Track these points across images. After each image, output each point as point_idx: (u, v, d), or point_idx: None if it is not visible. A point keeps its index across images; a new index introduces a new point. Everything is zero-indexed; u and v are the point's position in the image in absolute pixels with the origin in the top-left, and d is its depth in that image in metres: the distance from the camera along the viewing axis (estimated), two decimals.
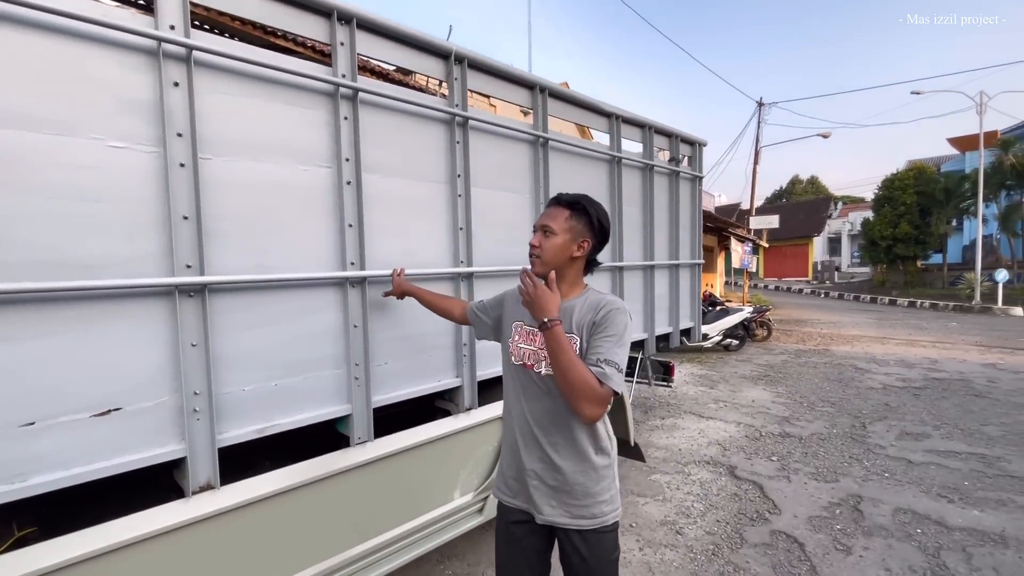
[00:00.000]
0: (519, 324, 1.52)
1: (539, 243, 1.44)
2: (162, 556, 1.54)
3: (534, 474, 1.45)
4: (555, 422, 1.43)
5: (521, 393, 1.49)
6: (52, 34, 1.35)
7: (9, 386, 1.30)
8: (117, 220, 1.46)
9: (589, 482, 1.42)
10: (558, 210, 1.46)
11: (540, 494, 1.44)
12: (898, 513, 3.16)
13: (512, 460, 1.52)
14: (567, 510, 1.42)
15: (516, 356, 1.50)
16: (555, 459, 1.42)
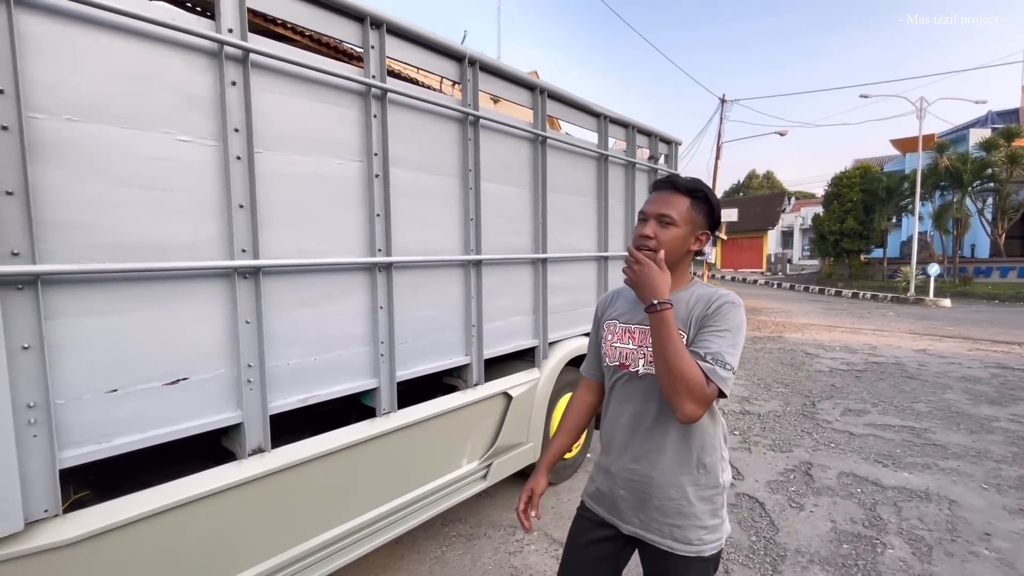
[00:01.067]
0: (613, 322, 1.38)
1: (654, 233, 1.24)
2: (219, 512, 1.71)
3: (622, 482, 1.32)
4: (651, 427, 1.28)
5: (615, 395, 1.37)
6: (129, 36, 1.48)
7: (95, 356, 1.45)
8: (184, 207, 1.60)
9: (683, 500, 1.25)
10: (677, 197, 1.26)
11: (627, 504, 1.31)
12: (842, 476, 3.62)
13: (602, 463, 1.41)
14: (657, 526, 1.27)
15: (611, 357, 1.35)
16: (645, 467, 1.28)
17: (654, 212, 1.26)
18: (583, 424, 1.54)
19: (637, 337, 1.30)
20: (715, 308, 1.23)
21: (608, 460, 1.38)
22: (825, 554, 2.67)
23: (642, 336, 1.29)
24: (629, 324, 1.33)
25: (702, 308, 1.24)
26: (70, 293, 1.40)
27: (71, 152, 1.38)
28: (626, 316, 1.35)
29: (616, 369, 1.35)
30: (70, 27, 1.37)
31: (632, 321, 1.33)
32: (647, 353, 1.26)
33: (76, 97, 1.39)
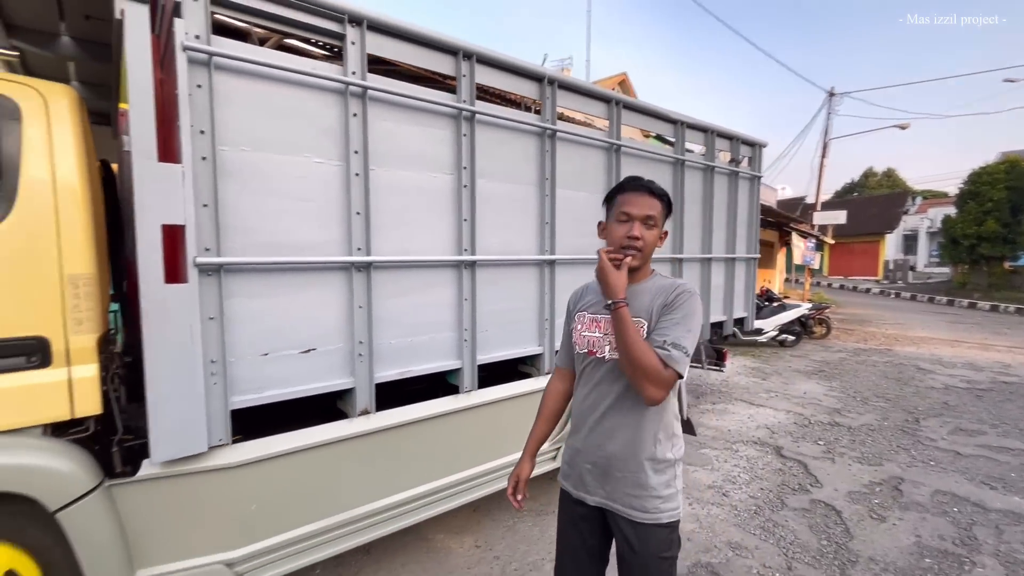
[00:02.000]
0: (582, 314, 1.49)
1: (641, 234, 1.35)
2: (332, 457, 2.14)
3: (588, 456, 1.44)
4: (614, 407, 1.40)
5: (583, 379, 1.48)
6: (282, 84, 1.94)
7: (253, 327, 1.92)
8: (316, 215, 2.04)
9: (642, 473, 1.37)
10: (653, 200, 1.37)
11: (592, 477, 1.43)
12: (937, 494, 3.40)
13: (572, 444, 1.51)
14: (619, 496, 1.39)
15: (580, 345, 1.46)
16: (608, 444, 1.40)
17: (641, 214, 1.35)
18: (559, 411, 1.63)
19: (603, 326, 1.41)
20: (673, 297, 1.34)
21: (577, 439, 1.48)
22: (902, 565, 2.59)
23: (607, 325, 1.38)
24: (596, 314, 1.44)
25: (662, 298, 1.36)
26: (239, 280, 1.88)
27: (243, 174, 1.86)
28: (594, 307, 1.46)
29: (585, 356, 1.45)
30: (244, 81, 1.85)
31: (599, 312, 1.43)
32: (612, 340, 1.35)
33: (248, 133, 1.86)
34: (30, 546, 1.68)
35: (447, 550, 2.68)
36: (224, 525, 1.91)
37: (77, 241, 1.69)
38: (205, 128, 1.75)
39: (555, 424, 1.64)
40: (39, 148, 1.64)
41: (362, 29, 2.09)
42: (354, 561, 2.56)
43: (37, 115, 1.65)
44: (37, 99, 1.66)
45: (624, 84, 22.75)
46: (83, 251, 1.70)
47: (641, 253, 1.36)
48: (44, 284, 1.63)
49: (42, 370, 1.65)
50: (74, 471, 1.65)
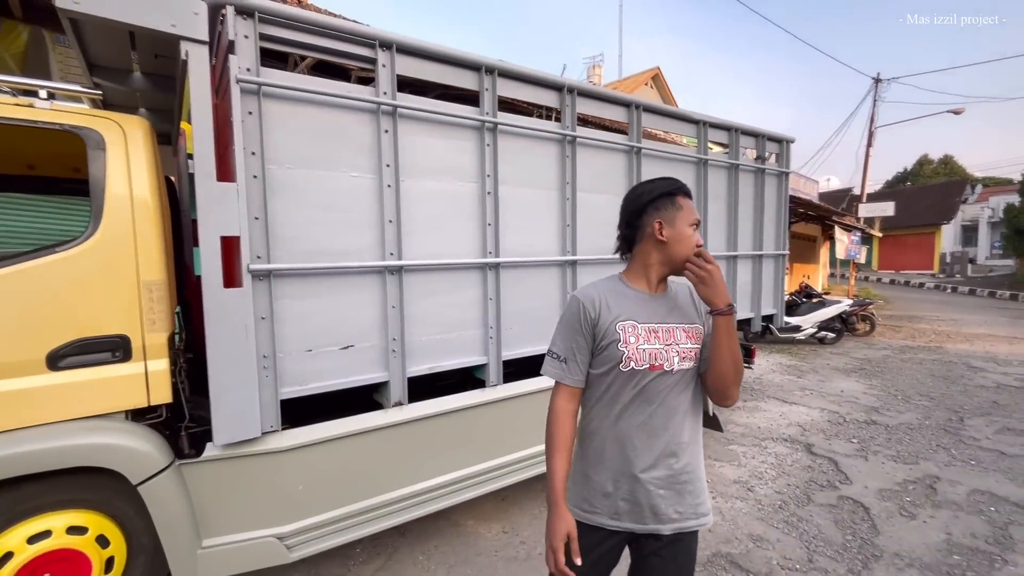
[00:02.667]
0: (630, 324, 1.29)
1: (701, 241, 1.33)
2: (369, 444, 2.34)
3: (660, 482, 1.29)
4: (683, 421, 1.32)
5: (637, 398, 1.30)
6: (322, 107, 2.15)
7: (299, 326, 2.14)
8: (353, 224, 2.25)
9: (703, 477, 1.37)
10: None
11: (667, 503, 1.29)
12: (974, 493, 3.33)
13: (620, 476, 1.31)
14: (691, 511, 1.32)
15: (638, 361, 1.27)
16: (684, 458, 1.31)
17: (697, 220, 1.33)
18: (574, 437, 1.38)
19: (662, 336, 1.29)
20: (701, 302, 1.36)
21: (632, 467, 1.29)
22: (928, 560, 2.59)
23: (666, 335, 1.29)
24: (650, 323, 1.30)
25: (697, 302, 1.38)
26: (286, 284, 2.11)
27: (289, 189, 2.08)
28: (643, 316, 1.30)
29: (644, 372, 1.28)
30: (289, 106, 2.07)
31: (652, 320, 1.30)
32: (680, 350, 1.29)
33: (292, 152, 2.08)
34: (116, 516, 1.96)
35: (476, 534, 2.85)
36: (275, 503, 2.14)
37: (152, 251, 1.95)
38: (256, 150, 1.98)
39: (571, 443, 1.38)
40: (120, 172, 1.91)
41: (392, 52, 2.28)
42: (390, 542, 2.77)
43: (118, 144, 1.92)
44: (117, 130, 1.93)
45: (657, 79, 22.45)
46: (156, 260, 1.96)
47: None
48: (125, 289, 1.90)
49: (124, 364, 1.91)
50: (151, 451, 1.91)
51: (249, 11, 1.94)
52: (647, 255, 1.34)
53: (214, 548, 2.04)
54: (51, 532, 1.82)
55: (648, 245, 1.33)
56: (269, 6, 1.97)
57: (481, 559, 2.62)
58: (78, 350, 1.83)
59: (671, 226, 1.30)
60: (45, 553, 1.80)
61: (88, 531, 1.88)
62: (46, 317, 1.78)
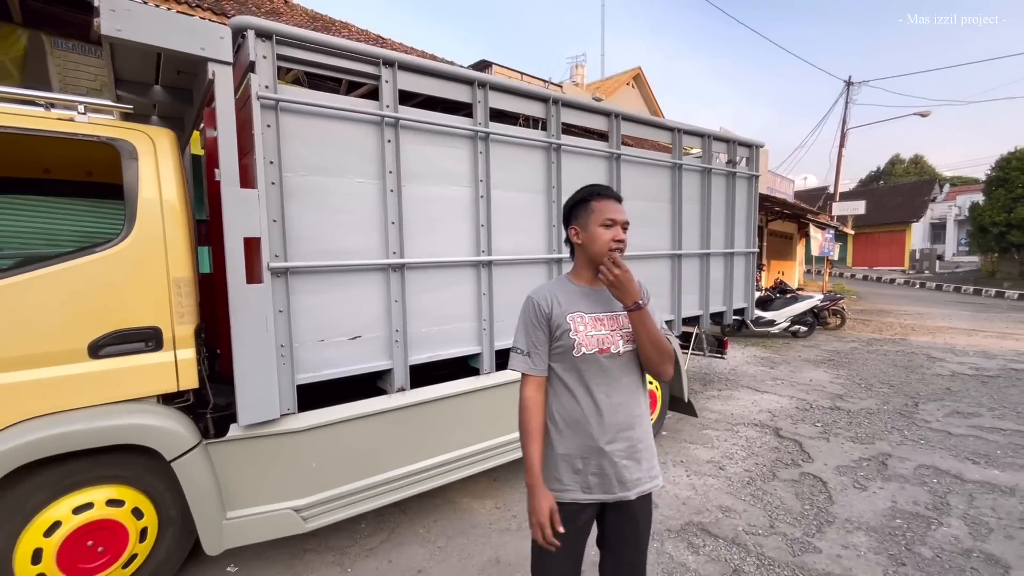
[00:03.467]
0: (578, 315, 1.46)
1: (624, 238, 1.47)
2: (375, 426, 2.57)
3: (623, 453, 1.44)
4: (634, 396, 1.48)
5: (593, 380, 1.44)
6: (331, 120, 2.37)
7: (312, 319, 2.36)
8: (359, 225, 2.48)
9: (653, 444, 1.54)
10: (621, 206, 1.50)
11: (630, 470, 1.45)
12: (920, 468, 3.68)
13: (587, 452, 1.44)
14: (648, 474, 1.49)
15: (587, 345, 1.43)
16: (639, 429, 1.48)
17: (622, 220, 1.46)
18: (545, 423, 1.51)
19: (607, 323, 1.46)
20: (648, 293, 1.53)
21: (597, 441, 1.43)
22: (874, 524, 2.92)
23: (611, 321, 1.47)
24: (595, 313, 1.47)
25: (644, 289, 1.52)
26: (301, 280, 2.32)
27: (303, 195, 2.30)
28: (588, 307, 1.48)
29: (595, 355, 1.43)
30: (303, 119, 2.29)
31: (597, 310, 1.48)
32: (624, 334, 1.46)
33: (306, 161, 2.30)
34: (148, 491, 2.16)
35: (471, 510, 3.10)
36: (292, 479, 2.37)
37: (179, 251, 2.16)
38: (274, 159, 2.19)
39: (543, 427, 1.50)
40: (150, 179, 2.11)
41: (394, 69, 2.51)
42: (393, 518, 3.00)
43: (148, 154, 2.12)
44: (148, 141, 2.13)
45: (639, 79, 22.87)
46: (184, 259, 2.17)
47: (623, 254, 1.46)
48: (157, 285, 2.10)
49: (156, 353, 2.12)
50: (182, 431, 2.12)
51: (267, 34, 2.15)
52: (579, 256, 1.53)
53: (237, 519, 2.26)
54: (93, 504, 2.02)
55: (576, 248, 1.53)
56: (286, 29, 2.19)
57: (476, 531, 2.87)
58: (116, 340, 2.03)
59: (584, 229, 1.47)
60: (88, 523, 2.00)
61: (125, 504, 2.09)
62: (87, 311, 1.98)
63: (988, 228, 21.43)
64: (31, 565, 1.91)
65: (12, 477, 1.87)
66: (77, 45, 4.78)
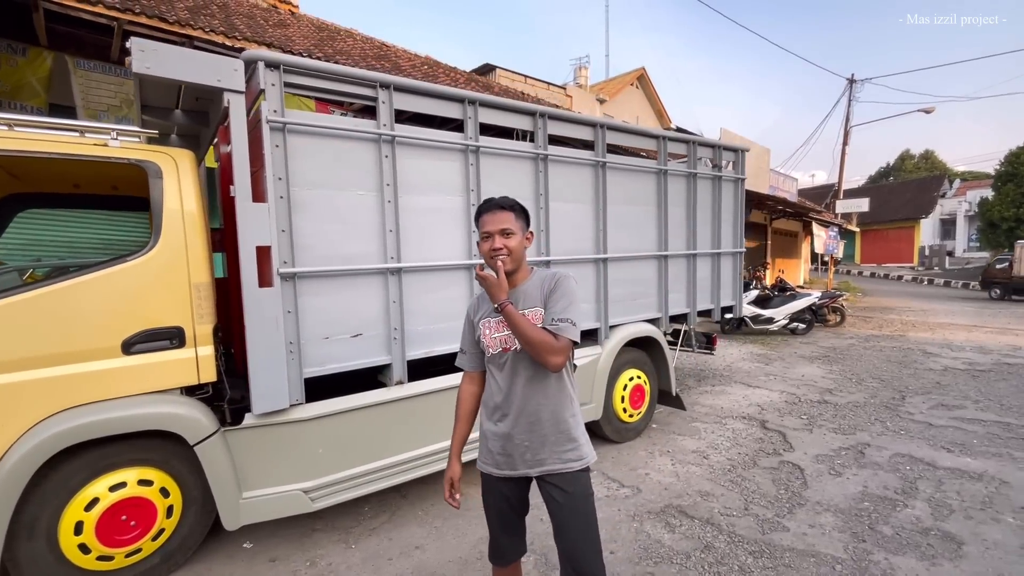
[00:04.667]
0: (486, 321, 1.66)
1: (503, 244, 1.57)
2: (376, 416, 2.82)
3: (522, 436, 1.61)
4: (536, 387, 1.61)
5: (502, 373, 1.64)
6: (334, 138, 2.62)
7: (319, 317, 2.62)
8: (360, 233, 2.73)
9: (568, 429, 1.64)
10: (504, 213, 1.59)
11: (530, 453, 1.62)
12: (896, 456, 3.86)
13: (496, 435, 1.65)
14: (555, 457, 1.62)
15: (492, 346, 1.63)
16: (540, 415, 1.61)
17: (496, 228, 1.58)
18: (475, 411, 1.79)
19: (506, 325, 1.60)
20: (553, 284, 1.62)
21: (503, 426, 1.64)
22: (843, 507, 3.11)
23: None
24: (497, 318, 1.63)
25: (547, 286, 1.62)
26: (307, 283, 2.58)
27: (308, 207, 2.55)
28: (493, 314, 1.65)
29: (500, 353, 1.63)
30: (308, 139, 2.54)
31: (497, 316, 1.62)
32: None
33: (311, 176, 2.56)
34: (173, 473, 2.43)
35: (466, 494, 3.33)
36: (301, 463, 2.62)
37: (199, 258, 2.42)
38: (282, 175, 2.45)
39: (472, 424, 1.79)
40: (174, 195, 2.38)
41: (390, 91, 2.76)
42: (393, 502, 3.25)
43: (171, 173, 2.38)
44: (171, 162, 2.40)
45: (643, 79, 23.00)
46: (203, 265, 2.43)
47: (510, 257, 1.58)
48: (180, 289, 2.37)
49: (179, 350, 2.38)
50: (202, 419, 2.39)
51: (276, 64, 2.41)
52: None
53: (252, 499, 2.52)
54: (126, 483, 2.29)
55: None
56: (292, 60, 2.45)
57: (471, 513, 3.11)
58: (145, 338, 2.30)
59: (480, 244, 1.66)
60: (122, 500, 2.27)
61: (153, 483, 2.36)
62: (120, 312, 2.25)
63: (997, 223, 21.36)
64: (74, 536, 2.18)
65: (57, 459, 2.14)
66: (98, 65, 5.10)
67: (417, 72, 8.85)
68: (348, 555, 2.70)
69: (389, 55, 9.46)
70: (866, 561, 2.56)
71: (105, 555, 2.25)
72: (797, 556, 2.62)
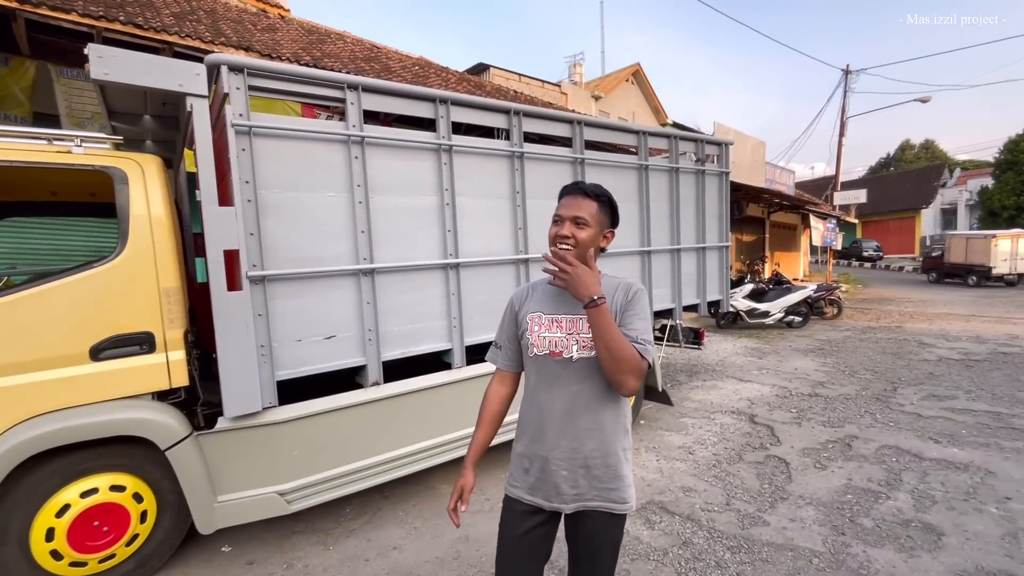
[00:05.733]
0: (537, 315, 1.45)
1: (571, 233, 1.37)
2: (351, 417, 2.82)
3: (563, 463, 1.40)
4: (586, 407, 1.39)
5: (544, 383, 1.43)
6: (303, 141, 2.62)
7: (291, 320, 2.61)
8: (331, 234, 2.72)
9: (618, 464, 1.42)
10: (586, 201, 1.41)
11: (568, 484, 1.40)
12: (882, 448, 3.84)
13: (534, 453, 1.44)
14: (596, 493, 1.40)
15: (539, 347, 1.42)
16: (586, 443, 1.39)
17: (569, 215, 1.39)
18: (502, 415, 1.56)
19: (565, 326, 1.40)
20: (633, 295, 1.40)
21: (542, 447, 1.42)
22: (825, 500, 3.09)
23: (570, 324, 1.40)
24: (555, 315, 1.42)
25: (622, 296, 1.40)
26: (278, 286, 2.58)
27: (277, 209, 2.55)
28: (549, 308, 1.44)
29: (546, 358, 1.41)
30: (275, 142, 2.54)
31: (558, 312, 1.42)
32: (580, 339, 1.37)
33: (279, 178, 2.55)
34: (146, 478, 2.43)
35: (448, 495, 3.32)
36: (276, 466, 2.62)
37: (168, 264, 2.42)
38: (249, 179, 2.45)
39: (496, 429, 1.57)
40: (140, 201, 2.38)
41: (358, 92, 2.76)
42: (374, 503, 3.25)
43: (137, 179, 2.39)
44: (137, 167, 2.40)
45: (638, 75, 22.96)
46: (172, 270, 2.43)
47: (575, 250, 1.37)
48: (149, 295, 2.37)
49: (150, 355, 2.39)
50: (174, 423, 2.39)
51: (239, 68, 2.41)
52: None
53: (227, 502, 2.52)
54: (98, 489, 2.29)
55: None
56: (256, 63, 2.45)
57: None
58: (113, 344, 2.30)
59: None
60: (94, 505, 2.28)
61: (126, 489, 2.36)
62: (88, 319, 2.26)
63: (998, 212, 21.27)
64: (45, 542, 2.19)
65: (27, 465, 2.14)
66: (81, 73, 5.10)
67: (408, 73, 8.84)
68: (325, 557, 2.70)
69: (379, 56, 9.45)
70: (843, 554, 2.55)
71: (78, 561, 2.26)
72: (775, 550, 2.61)
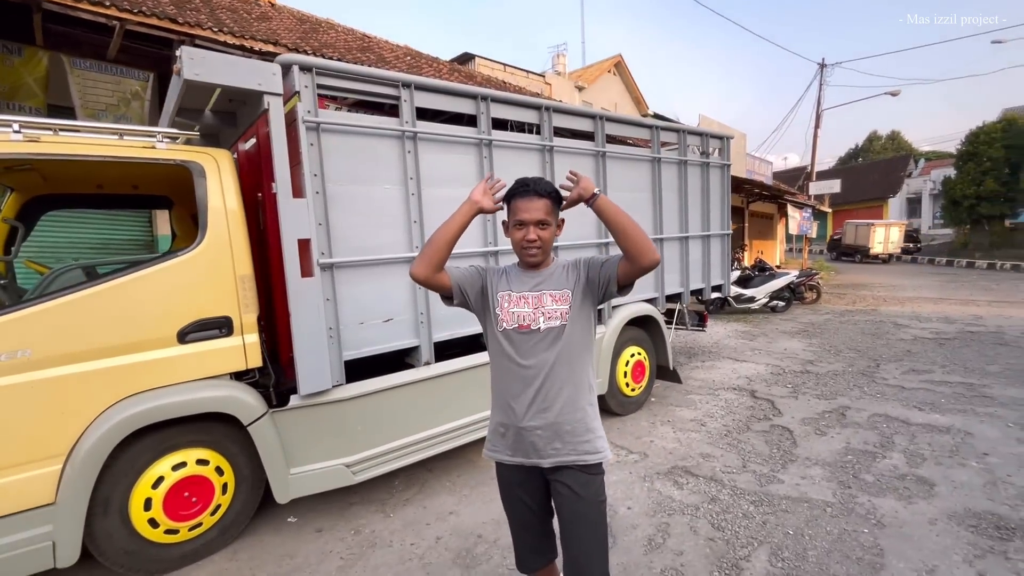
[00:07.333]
0: (506, 293, 1.56)
1: (537, 236, 1.50)
2: (407, 394, 3.04)
3: (535, 426, 1.50)
4: (552, 371, 1.49)
5: (515, 354, 1.52)
6: (363, 136, 2.79)
7: (354, 304, 2.81)
8: (388, 224, 2.92)
9: (586, 418, 1.53)
10: (542, 201, 1.51)
11: (543, 441, 1.50)
12: (874, 416, 4.24)
13: (508, 421, 1.55)
14: (571, 448, 1.51)
15: (508, 321, 1.52)
16: (554, 406, 1.49)
17: (533, 219, 1.50)
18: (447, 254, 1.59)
19: (531, 301, 1.53)
20: (578, 260, 1.59)
21: (515, 418, 1.53)
22: (829, 460, 3.46)
23: (536, 300, 1.53)
24: (522, 292, 1.55)
25: (582, 267, 1.57)
26: (344, 273, 2.76)
27: (342, 201, 2.73)
28: (516, 286, 1.57)
29: (515, 331, 1.52)
30: (340, 137, 2.71)
31: (524, 289, 1.55)
32: (546, 311, 1.51)
33: (343, 172, 2.73)
34: (226, 453, 2.61)
35: (488, 467, 3.59)
36: (342, 440, 2.83)
37: (242, 252, 2.58)
38: (317, 172, 2.62)
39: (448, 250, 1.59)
40: (216, 192, 2.53)
41: (411, 90, 2.94)
42: (421, 476, 3.48)
43: (213, 172, 2.53)
44: (212, 161, 2.54)
45: (620, 66, 23.22)
46: (245, 258, 2.60)
47: (542, 250, 1.54)
48: (227, 281, 2.53)
49: (228, 338, 2.55)
50: (254, 401, 2.57)
51: (309, 67, 2.57)
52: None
53: (300, 474, 2.72)
54: (186, 463, 2.47)
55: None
56: (324, 63, 2.61)
57: (495, 482, 3.33)
58: (197, 328, 2.46)
59: (507, 227, 1.61)
60: (184, 478, 2.45)
61: (210, 463, 2.54)
62: (175, 304, 2.41)
63: (959, 201, 22.31)
64: (143, 511, 2.36)
65: (125, 441, 2.30)
66: (95, 64, 5.09)
67: (401, 64, 8.91)
68: (388, 523, 2.92)
69: (372, 47, 9.47)
70: (852, 503, 2.90)
71: (172, 528, 2.43)
72: (792, 503, 2.94)
